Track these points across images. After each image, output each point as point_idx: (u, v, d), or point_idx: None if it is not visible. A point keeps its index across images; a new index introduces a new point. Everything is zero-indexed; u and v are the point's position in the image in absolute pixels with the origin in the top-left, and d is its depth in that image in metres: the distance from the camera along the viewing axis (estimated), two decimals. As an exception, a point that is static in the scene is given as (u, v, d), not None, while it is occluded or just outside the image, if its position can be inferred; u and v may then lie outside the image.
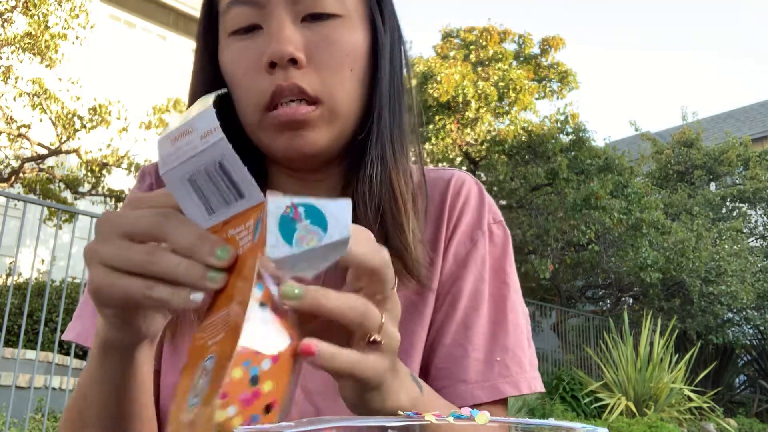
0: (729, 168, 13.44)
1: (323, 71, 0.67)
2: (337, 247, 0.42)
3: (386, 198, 0.71)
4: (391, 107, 0.73)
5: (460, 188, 0.79)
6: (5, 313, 4.36)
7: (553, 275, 9.41)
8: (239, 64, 0.68)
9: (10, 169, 7.28)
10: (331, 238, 0.42)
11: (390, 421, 0.34)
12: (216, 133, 0.43)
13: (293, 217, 0.42)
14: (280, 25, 0.66)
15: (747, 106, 20.55)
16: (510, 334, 0.73)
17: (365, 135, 0.72)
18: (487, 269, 0.77)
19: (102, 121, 6.88)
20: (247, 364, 0.39)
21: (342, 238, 0.42)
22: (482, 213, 0.79)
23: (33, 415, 4.67)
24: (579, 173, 9.55)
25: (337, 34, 0.68)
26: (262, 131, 0.69)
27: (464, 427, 0.35)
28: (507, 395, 0.71)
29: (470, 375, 0.71)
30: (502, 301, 0.75)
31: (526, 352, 0.74)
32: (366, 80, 0.72)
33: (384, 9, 0.74)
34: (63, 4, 6.71)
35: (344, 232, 0.42)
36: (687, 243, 9.33)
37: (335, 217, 0.42)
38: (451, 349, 0.73)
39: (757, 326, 10.79)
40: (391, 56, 0.74)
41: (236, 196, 0.45)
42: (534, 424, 0.34)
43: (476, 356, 0.72)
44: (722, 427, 8.05)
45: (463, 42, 10.73)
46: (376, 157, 0.72)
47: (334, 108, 0.68)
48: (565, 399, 8.13)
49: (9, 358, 4.97)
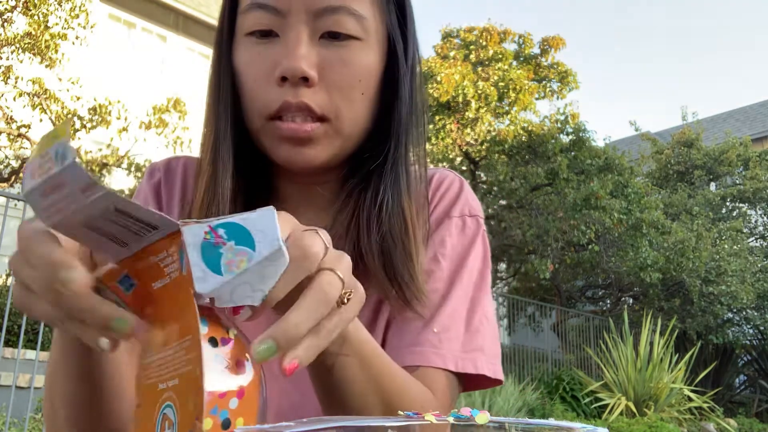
0: (729, 168, 13.44)
1: (334, 92, 0.67)
2: (273, 260, 0.40)
3: (397, 225, 0.71)
4: (408, 133, 0.74)
5: (440, 184, 0.81)
6: (5, 313, 4.36)
7: (553, 275, 9.41)
8: (251, 69, 0.68)
9: (10, 169, 7.28)
10: (261, 254, 0.39)
11: (390, 421, 0.34)
12: (98, 188, 0.37)
13: (215, 243, 0.39)
14: (297, 40, 0.66)
15: (747, 106, 20.56)
16: (448, 314, 0.73)
17: (377, 154, 0.72)
18: (446, 251, 0.77)
19: (102, 121, 6.88)
20: (215, 411, 0.37)
21: (273, 250, 0.39)
22: (455, 204, 0.80)
23: (33, 415, 4.66)
24: (579, 173, 9.56)
25: (354, 57, 0.68)
26: (264, 138, 0.70)
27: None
28: (432, 365, 0.70)
29: (403, 341, 0.72)
30: (452, 285, 0.75)
31: (461, 335, 0.73)
32: (377, 102, 0.72)
33: (407, 33, 0.74)
34: (63, 4, 6.71)
35: (275, 244, 0.39)
36: (687, 243, 9.33)
37: (261, 231, 0.39)
38: (395, 321, 0.74)
39: (757, 326, 10.79)
40: (411, 82, 0.74)
41: (147, 229, 0.41)
42: (534, 424, 0.34)
43: (415, 325, 0.72)
44: (722, 427, 8.05)
45: (463, 42, 10.73)
46: (390, 183, 0.72)
47: (339, 128, 0.68)
48: (565, 399, 8.13)
49: (9, 358, 4.97)
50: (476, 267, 0.78)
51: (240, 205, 0.73)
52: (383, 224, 0.71)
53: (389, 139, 0.73)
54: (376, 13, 0.70)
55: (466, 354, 0.72)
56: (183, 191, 0.79)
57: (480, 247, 0.80)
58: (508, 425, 0.34)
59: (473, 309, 0.76)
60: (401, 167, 0.73)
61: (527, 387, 7.40)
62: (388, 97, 0.73)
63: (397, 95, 0.73)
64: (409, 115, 0.74)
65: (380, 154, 0.73)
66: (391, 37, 0.72)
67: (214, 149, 0.71)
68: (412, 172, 0.75)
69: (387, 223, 0.71)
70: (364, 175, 0.74)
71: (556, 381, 8.41)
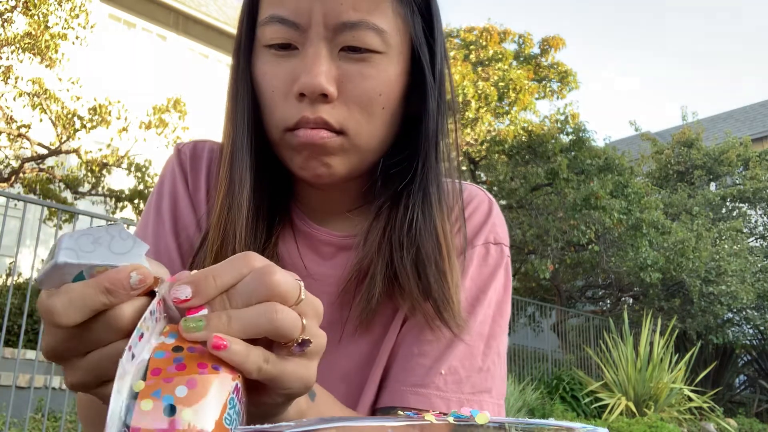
0: (729, 168, 13.44)
1: (353, 107, 0.66)
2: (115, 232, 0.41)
3: (429, 244, 0.70)
4: (438, 146, 0.72)
5: (469, 203, 0.79)
6: (5, 313, 4.35)
7: (553, 275, 9.41)
8: (269, 81, 0.68)
9: (10, 169, 7.27)
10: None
11: (390, 421, 0.34)
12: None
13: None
14: (315, 55, 0.65)
15: (747, 106, 20.54)
16: (459, 354, 0.71)
17: (405, 170, 0.71)
18: (465, 282, 0.74)
19: (102, 121, 6.87)
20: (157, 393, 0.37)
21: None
22: (480, 230, 0.78)
23: (33, 415, 4.66)
24: (579, 173, 9.55)
25: (374, 71, 0.66)
26: (283, 149, 0.69)
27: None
28: (435, 410, 0.67)
29: (410, 378, 0.70)
30: (466, 321, 0.72)
31: (471, 375, 0.71)
32: (400, 116, 0.71)
33: (435, 43, 0.71)
34: (63, 4, 6.71)
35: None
36: (687, 243, 9.32)
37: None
38: (401, 349, 0.72)
39: (757, 326, 10.79)
40: (439, 92, 0.72)
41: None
42: (534, 424, 0.34)
43: (423, 362, 0.70)
44: (722, 427, 8.05)
45: (463, 42, 10.73)
46: (419, 201, 0.71)
47: (357, 142, 0.67)
48: (565, 399, 8.13)
49: (9, 358, 4.97)
50: (494, 299, 0.75)
51: (260, 215, 0.72)
52: (414, 243, 0.69)
53: (417, 154, 0.71)
54: (400, 24, 0.68)
55: (472, 396, 0.70)
56: (207, 179, 0.79)
57: (502, 278, 0.77)
58: (508, 425, 0.34)
59: (487, 347, 0.73)
60: (431, 183, 0.71)
61: (527, 387, 7.40)
62: (415, 108, 0.71)
63: (424, 107, 0.71)
64: (437, 128, 0.71)
65: (409, 169, 0.71)
66: (415, 48, 0.70)
67: (231, 162, 0.70)
68: (444, 187, 0.73)
69: (418, 241, 0.70)
70: (393, 193, 0.72)
71: (556, 381, 8.40)
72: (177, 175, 0.79)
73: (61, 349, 0.42)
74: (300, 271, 0.74)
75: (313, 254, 0.76)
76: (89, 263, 0.41)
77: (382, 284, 0.70)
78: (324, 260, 0.76)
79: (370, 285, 0.71)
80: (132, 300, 0.41)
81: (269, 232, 0.73)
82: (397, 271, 0.70)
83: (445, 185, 0.74)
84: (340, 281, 0.74)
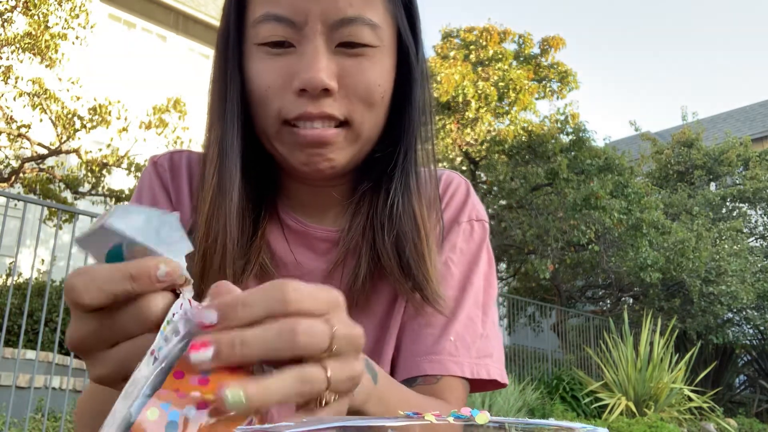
0: (729, 168, 13.44)
1: (354, 99, 0.68)
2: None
3: (408, 226, 0.73)
4: (418, 134, 0.75)
5: (448, 186, 0.83)
6: (5, 313, 4.35)
7: (553, 275, 9.41)
8: (264, 79, 0.68)
9: (10, 169, 7.27)
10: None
11: (390, 421, 0.34)
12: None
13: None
14: (315, 52, 0.66)
15: (747, 106, 20.55)
16: (462, 321, 0.76)
17: (388, 156, 0.74)
18: (456, 257, 0.80)
19: (102, 121, 6.87)
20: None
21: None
22: (463, 209, 0.82)
23: (33, 415, 4.66)
24: (579, 173, 9.55)
25: (370, 65, 0.68)
26: (280, 143, 0.70)
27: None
28: (451, 374, 0.73)
29: (421, 348, 0.74)
30: (464, 292, 0.78)
31: (476, 341, 0.76)
32: (391, 105, 0.73)
33: (417, 40, 0.75)
34: (63, 4, 6.71)
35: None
36: (687, 243, 9.32)
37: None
38: (407, 325, 0.76)
39: (757, 326, 10.79)
40: (423, 84, 0.75)
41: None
42: (534, 424, 0.34)
43: (431, 332, 0.75)
44: (722, 427, 8.05)
45: (463, 42, 10.73)
46: (401, 185, 0.74)
47: (359, 132, 0.70)
48: (565, 399, 8.13)
49: (9, 358, 4.97)
50: (483, 272, 0.81)
51: (247, 209, 0.73)
52: (395, 225, 0.73)
53: (400, 142, 0.74)
54: (389, 18, 0.71)
55: (479, 360, 0.75)
56: (190, 186, 0.80)
57: (486, 251, 0.83)
58: (508, 425, 0.34)
59: (484, 315, 0.79)
60: (411, 169, 0.75)
61: (527, 387, 7.40)
62: (400, 99, 0.74)
63: (409, 99, 0.74)
64: (419, 117, 0.75)
65: (391, 156, 0.74)
66: (403, 42, 0.73)
67: (220, 160, 0.71)
68: (422, 173, 0.77)
69: (399, 223, 0.73)
70: (376, 178, 0.75)
71: (556, 381, 8.40)
72: (155, 186, 0.79)
73: (87, 338, 0.41)
74: (293, 266, 0.76)
75: (306, 250, 0.78)
76: (132, 237, 0.40)
77: (367, 265, 0.74)
78: (318, 256, 0.78)
79: (356, 266, 0.74)
80: (163, 293, 0.40)
81: (255, 227, 0.75)
82: (380, 253, 0.73)
83: (423, 172, 0.77)
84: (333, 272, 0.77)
